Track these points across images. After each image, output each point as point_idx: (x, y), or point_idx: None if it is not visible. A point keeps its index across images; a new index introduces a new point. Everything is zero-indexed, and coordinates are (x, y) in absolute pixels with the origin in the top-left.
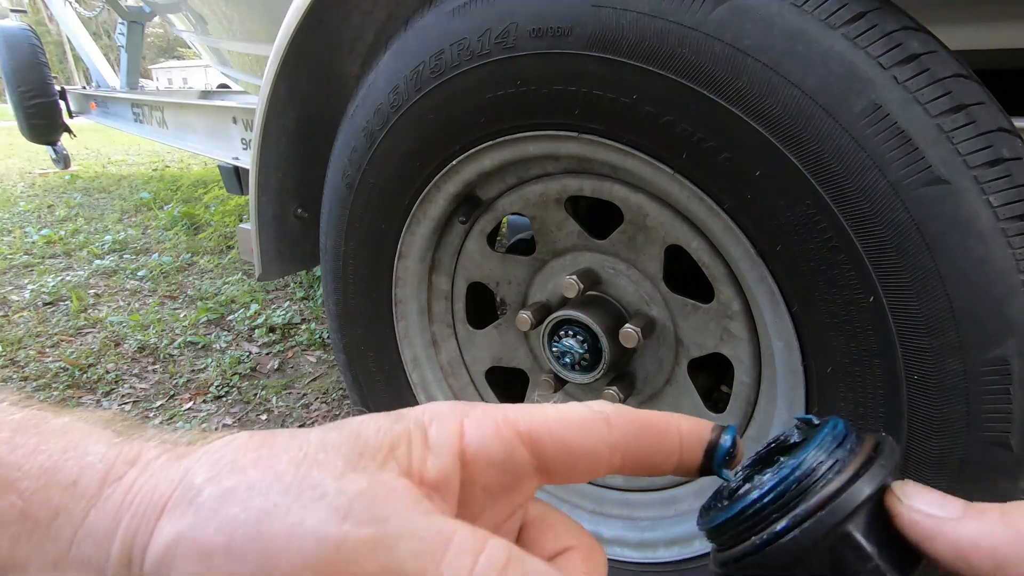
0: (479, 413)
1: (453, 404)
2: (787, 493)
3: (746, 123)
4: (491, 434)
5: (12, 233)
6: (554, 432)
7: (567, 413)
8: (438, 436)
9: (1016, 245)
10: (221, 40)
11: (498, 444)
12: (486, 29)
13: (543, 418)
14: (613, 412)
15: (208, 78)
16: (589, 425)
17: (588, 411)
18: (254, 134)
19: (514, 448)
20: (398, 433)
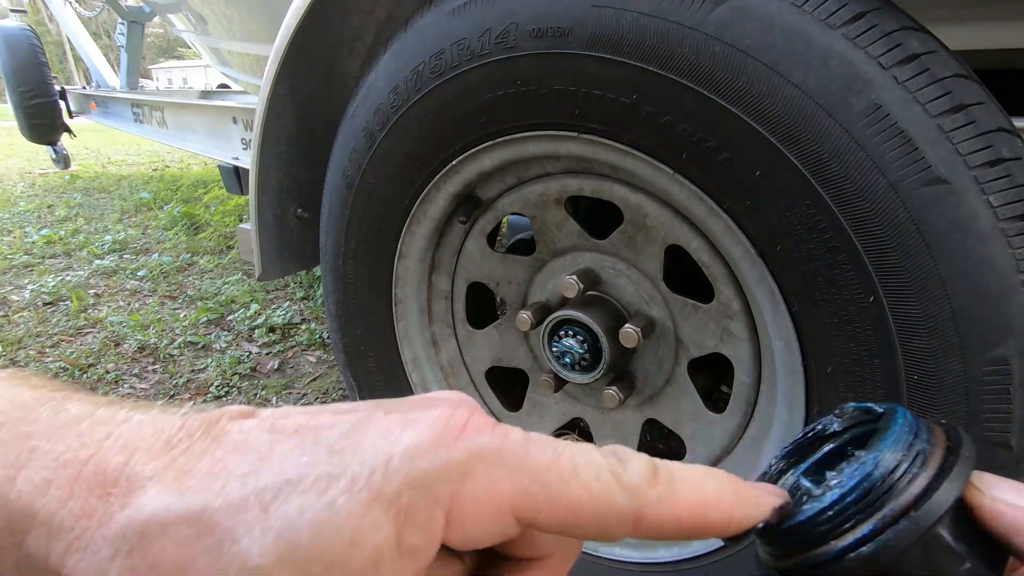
0: (479, 492)
1: (447, 471)
2: (871, 492)
3: (746, 123)
4: (485, 525)
5: (12, 233)
6: (566, 526)
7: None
8: (416, 539)
9: (1016, 245)
10: (221, 40)
11: (489, 535)
12: (486, 29)
13: (554, 507)
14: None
15: (208, 78)
16: (609, 524)
17: (614, 510)
18: (254, 134)
19: (508, 533)
20: (364, 559)
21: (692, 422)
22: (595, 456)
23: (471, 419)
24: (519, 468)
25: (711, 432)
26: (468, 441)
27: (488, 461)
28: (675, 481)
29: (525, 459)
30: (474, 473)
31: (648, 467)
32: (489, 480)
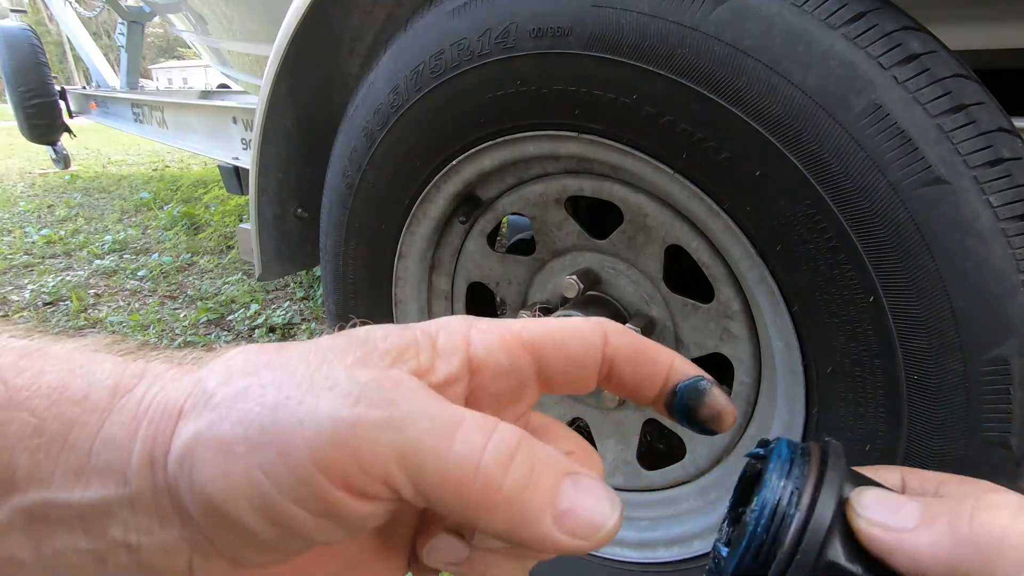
0: (485, 325)
1: (461, 317)
2: (761, 548)
3: (746, 123)
4: (497, 342)
5: (12, 233)
6: (556, 341)
7: (570, 323)
8: (446, 343)
9: (1016, 245)
10: (221, 40)
11: (503, 352)
12: (486, 29)
13: (547, 328)
14: (613, 329)
15: (208, 78)
16: (589, 336)
17: (588, 323)
18: (254, 134)
19: (518, 356)
20: (407, 340)
21: None
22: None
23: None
24: (517, 321)
25: None
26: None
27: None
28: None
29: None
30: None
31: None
32: (496, 321)
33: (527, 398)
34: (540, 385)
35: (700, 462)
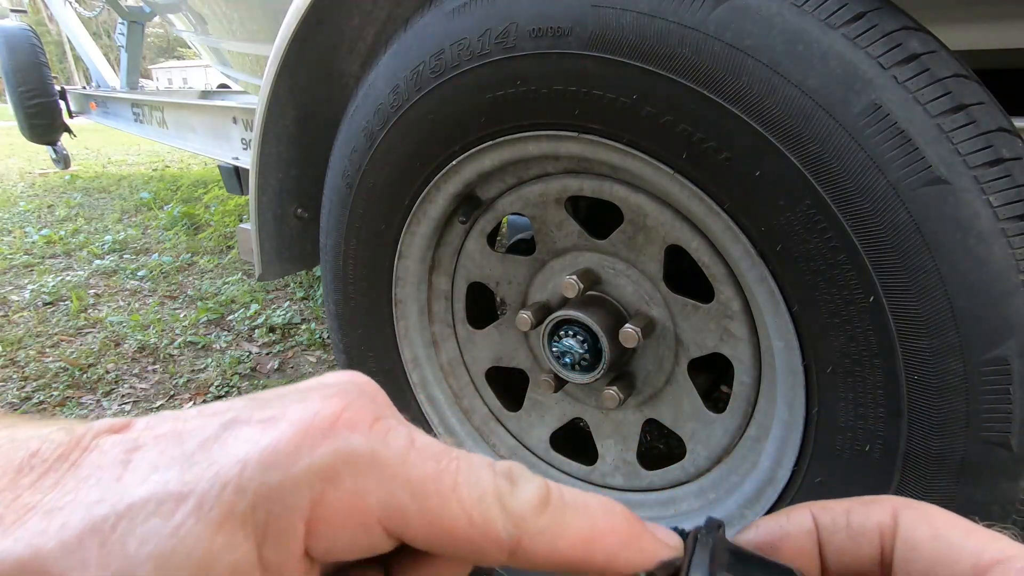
0: (343, 501)
1: (307, 478)
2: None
3: (746, 123)
4: (349, 537)
5: (12, 233)
6: (438, 546)
7: (465, 530)
8: (276, 554)
9: (1016, 245)
10: (221, 40)
11: (355, 548)
12: (486, 29)
13: (427, 525)
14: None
15: (208, 78)
16: (484, 550)
17: (490, 536)
18: (254, 134)
19: (377, 546)
20: (218, 572)
21: (692, 422)
22: (483, 475)
23: (344, 413)
24: (393, 477)
25: (711, 432)
26: (336, 441)
27: (357, 465)
28: (566, 511)
29: (402, 467)
30: (339, 479)
31: (540, 494)
32: (356, 488)
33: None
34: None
35: (700, 463)
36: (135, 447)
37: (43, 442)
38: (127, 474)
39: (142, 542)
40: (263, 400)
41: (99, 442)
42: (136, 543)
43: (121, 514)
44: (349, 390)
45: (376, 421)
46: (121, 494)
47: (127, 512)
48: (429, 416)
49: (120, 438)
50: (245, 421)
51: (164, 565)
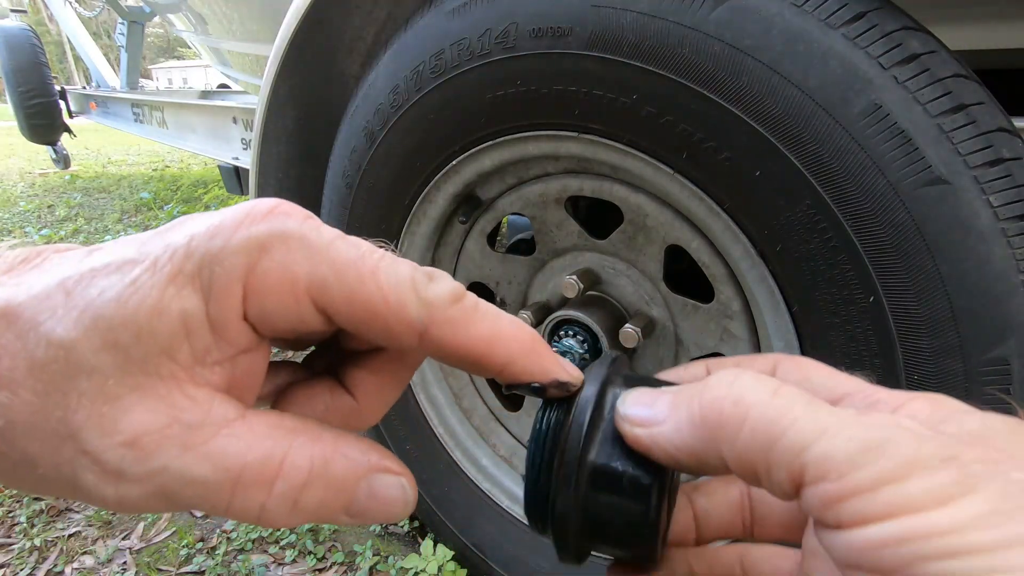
0: (274, 267)
1: (244, 244)
2: (537, 467)
3: (746, 123)
4: (279, 302)
5: (12, 233)
6: (357, 321)
7: (381, 308)
8: (219, 310)
9: (1016, 245)
10: (221, 40)
11: (286, 314)
12: (486, 29)
13: (347, 299)
14: (440, 320)
15: (208, 78)
16: (396, 330)
17: (403, 318)
18: (254, 134)
19: (305, 318)
20: (173, 324)
21: None
22: (402, 267)
23: (281, 206)
24: (319, 255)
25: None
26: (272, 222)
27: (288, 242)
28: (476, 310)
29: (327, 249)
30: (271, 250)
31: (454, 290)
32: (286, 259)
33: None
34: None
35: None
36: (97, 249)
37: (4, 252)
38: (88, 258)
39: (102, 290)
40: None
41: (60, 253)
42: (97, 291)
43: (84, 274)
44: (284, 202)
45: (308, 218)
46: (83, 264)
47: (89, 272)
48: (429, 416)
49: (81, 249)
50: (193, 218)
51: (124, 304)
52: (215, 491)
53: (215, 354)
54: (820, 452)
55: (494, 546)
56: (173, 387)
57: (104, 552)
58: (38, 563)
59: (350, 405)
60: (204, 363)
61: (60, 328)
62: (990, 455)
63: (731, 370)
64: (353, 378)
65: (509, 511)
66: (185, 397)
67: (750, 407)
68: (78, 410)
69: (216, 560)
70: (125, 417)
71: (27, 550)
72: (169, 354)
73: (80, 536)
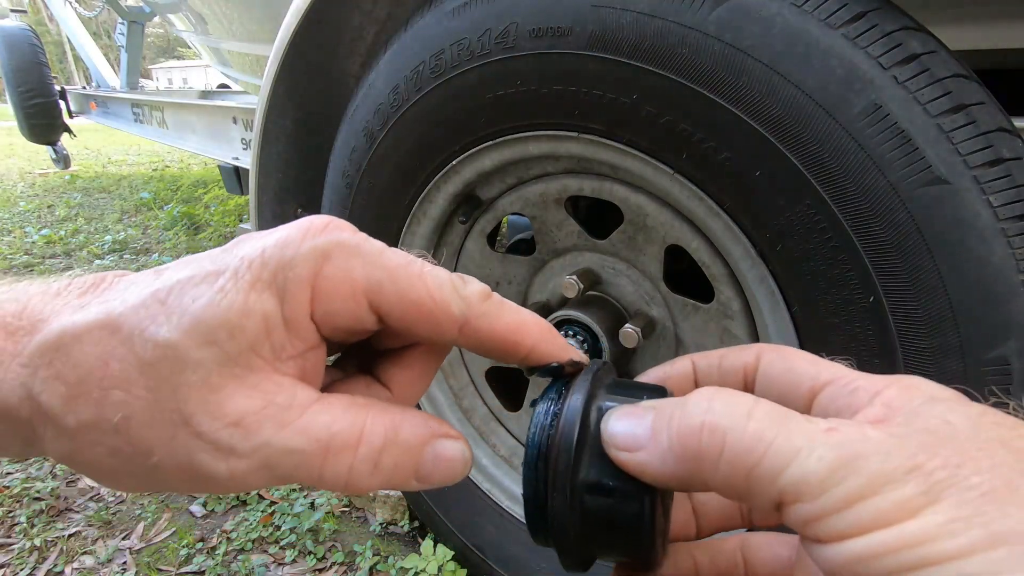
0: (337, 272)
1: (311, 253)
2: (532, 482)
3: (746, 123)
4: (341, 303)
5: (12, 233)
6: (408, 319)
7: (429, 305)
8: (293, 310)
9: (1016, 245)
10: (221, 40)
11: (347, 315)
12: (486, 29)
13: (400, 299)
14: (477, 314)
15: (208, 78)
16: (442, 324)
17: (447, 313)
18: (254, 134)
19: (363, 318)
20: (257, 323)
21: None
22: (442, 272)
23: (333, 222)
24: (373, 262)
25: None
26: (330, 234)
27: (347, 251)
28: (504, 305)
29: (380, 256)
30: (333, 257)
31: (484, 289)
32: (346, 265)
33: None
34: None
35: None
36: (163, 270)
37: (73, 278)
38: (167, 273)
39: (195, 298)
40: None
41: (123, 277)
42: (191, 299)
43: (172, 286)
44: (334, 218)
45: (357, 231)
46: (166, 278)
47: (177, 285)
48: None
49: (148, 272)
50: (253, 235)
51: (216, 308)
52: (310, 459)
53: (289, 349)
54: (794, 475)
55: (494, 546)
56: (262, 377)
57: (104, 552)
58: (38, 563)
59: (386, 396)
60: (281, 358)
61: (163, 331)
62: (951, 460)
63: (707, 391)
64: (387, 373)
65: (509, 511)
66: (274, 384)
67: (726, 435)
68: (188, 400)
69: (216, 560)
70: (229, 402)
71: (27, 550)
72: (255, 350)
73: (80, 536)
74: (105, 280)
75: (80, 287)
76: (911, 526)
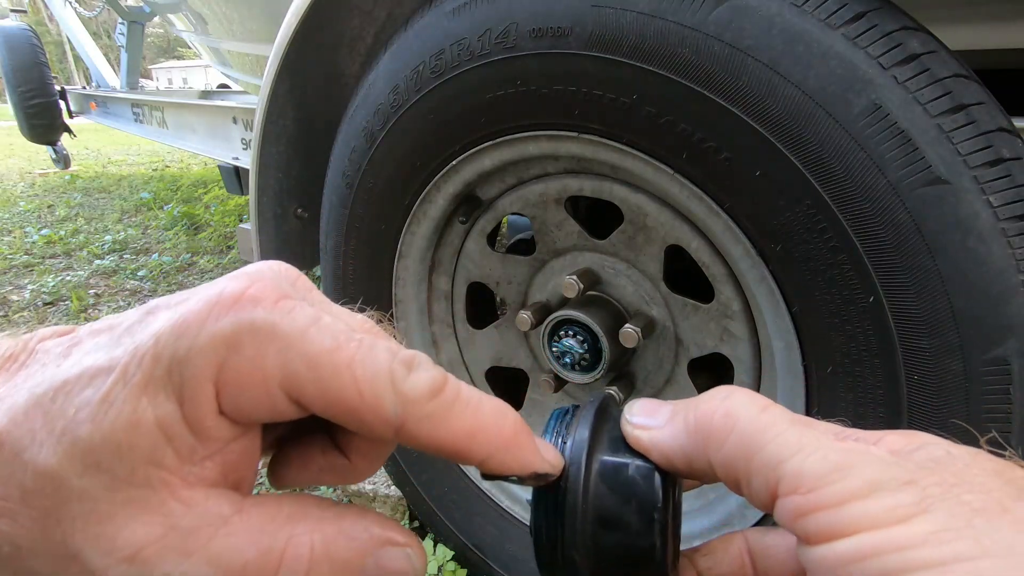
0: (243, 365)
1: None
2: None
3: (746, 123)
4: (253, 398)
5: (12, 233)
6: (332, 414)
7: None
8: (196, 412)
9: (1016, 245)
10: (221, 40)
11: (261, 409)
12: (486, 29)
13: (321, 394)
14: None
15: (208, 78)
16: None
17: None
18: (254, 134)
19: (281, 408)
20: (152, 434)
21: None
22: (381, 357)
23: (249, 291)
24: (291, 348)
25: None
26: (239, 313)
27: (257, 335)
28: (455, 404)
29: (299, 340)
30: (240, 346)
31: (433, 383)
32: (255, 355)
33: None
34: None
35: None
36: (74, 343)
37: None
38: (64, 362)
39: (78, 408)
40: (186, 291)
41: (44, 344)
42: (73, 410)
43: (58, 388)
44: (261, 272)
45: (282, 299)
46: (56, 374)
47: (63, 387)
48: None
49: (62, 339)
50: (164, 306)
51: (100, 425)
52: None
53: (200, 451)
54: (794, 467)
55: (494, 546)
56: (165, 495)
57: None
58: None
59: (343, 464)
60: (192, 461)
61: (42, 456)
62: (947, 480)
63: (726, 387)
64: (344, 439)
65: (509, 511)
66: (178, 502)
67: (738, 419)
68: (74, 533)
69: None
70: (121, 534)
71: None
72: (155, 463)
73: None
74: (24, 351)
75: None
76: (900, 531)
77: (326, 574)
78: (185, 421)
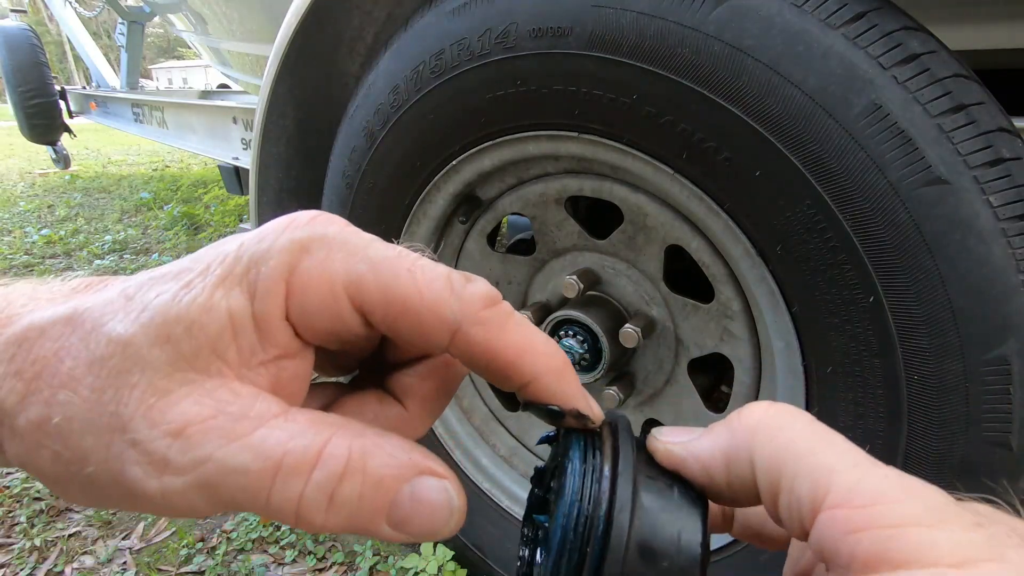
0: (314, 266)
1: (288, 246)
2: (573, 549)
3: (746, 123)
4: (318, 300)
5: (12, 233)
6: (392, 318)
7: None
8: (264, 306)
9: (1016, 245)
10: (221, 40)
11: (325, 313)
12: (486, 29)
13: (383, 295)
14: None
15: (208, 78)
16: (430, 327)
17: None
18: (254, 134)
19: (344, 316)
20: (221, 321)
21: (692, 422)
22: (440, 267)
23: (321, 215)
24: (357, 254)
25: None
26: (313, 227)
27: (328, 243)
28: (511, 318)
29: (365, 247)
30: (312, 250)
31: (490, 293)
32: (326, 258)
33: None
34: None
35: None
36: (155, 270)
37: (67, 280)
38: (149, 272)
39: (159, 293)
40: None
41: (118, 279)
42: (155, 294)
43: (143, 282)
44: (326, 213)
45: (348, 225)
46: (142, 277)
47: (147, 280)
48: None
49: (143, 272)
50: (243, 232)
51: (176, 304)
52: (256, 481)
53: (260, 355)
54: (851, 478)
55: (494, 546)
56: (220, 384)
57: (104, 552)
58: (38, 563)
59: (399, 413)
60: (250, 365)
61: (120, 326)
62: (1017, 529)
63: (765, 403)
64: (402, 385)
65: (509, 511)
66: (231, 393)
67: (795, 419)
68: (129, 403)
69: (216, 560)
70: (173, 408)
71: (27, 550)
72: (217, 352)
73: (80, 536)
74: (101, 283)
75: (73, 287)
76: (967, 574)
77: (359, 487)
78: (253, 317)
